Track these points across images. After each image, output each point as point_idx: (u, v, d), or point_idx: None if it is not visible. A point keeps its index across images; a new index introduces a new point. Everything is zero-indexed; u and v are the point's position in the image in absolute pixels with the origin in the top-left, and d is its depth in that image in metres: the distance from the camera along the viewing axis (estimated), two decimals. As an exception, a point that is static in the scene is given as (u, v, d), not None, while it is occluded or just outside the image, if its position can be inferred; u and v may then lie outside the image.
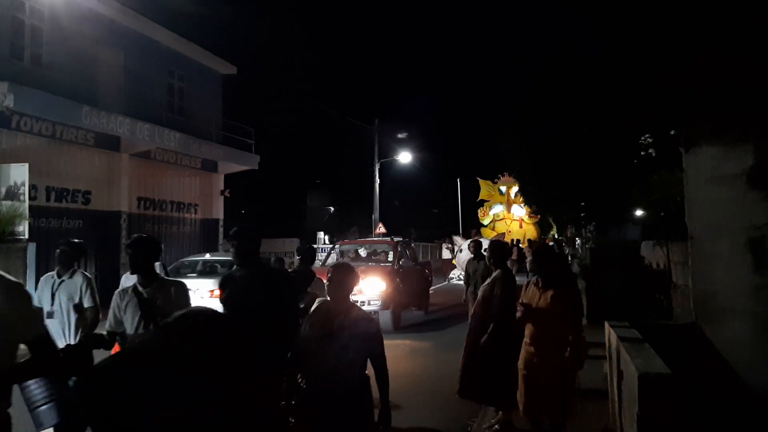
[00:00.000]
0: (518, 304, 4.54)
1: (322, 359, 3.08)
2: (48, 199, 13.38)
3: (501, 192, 33.65)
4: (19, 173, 10.27)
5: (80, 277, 4.81)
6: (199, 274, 11.76)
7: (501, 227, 32.93)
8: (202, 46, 18.97)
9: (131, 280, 5.81)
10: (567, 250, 17.92)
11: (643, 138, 9.41)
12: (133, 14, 15.74)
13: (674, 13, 4.50)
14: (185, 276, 10.93)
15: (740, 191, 4.48)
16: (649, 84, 4.88)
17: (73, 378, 2.45)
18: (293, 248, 23.53)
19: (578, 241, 19.08)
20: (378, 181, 25.90)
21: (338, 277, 3.25)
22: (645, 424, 3.27)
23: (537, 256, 4.64)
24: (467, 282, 9.09)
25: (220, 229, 19.99)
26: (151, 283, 3.70)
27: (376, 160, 26.00)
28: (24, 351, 2.27)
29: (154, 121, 15.81)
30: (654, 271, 8.59)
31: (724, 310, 4.57)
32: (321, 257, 14.38)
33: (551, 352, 4.24)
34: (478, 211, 34.26)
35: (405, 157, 28.46)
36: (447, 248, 25.25)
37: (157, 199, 17.29)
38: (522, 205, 30.24)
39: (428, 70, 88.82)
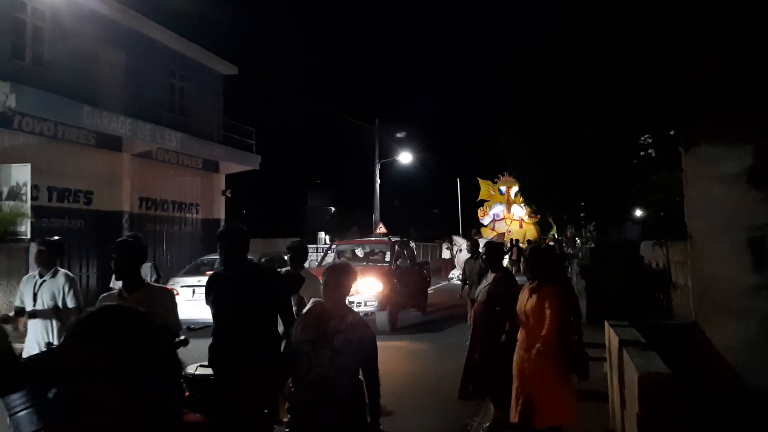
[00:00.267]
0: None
1: (314, 364, 2.96)
2: (50, 199, 13.39)
3: (501, 192, 33.67)
4: (21, 173, 10.29)
5: (63, 277, 4.68)
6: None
7: (501, 227, 32.94)
8: (204, 47, 18.97)
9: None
10: (569, 250, 17.91)
11: (643, 138, 9.42)
12: (134, 14, 15.74)
13: (674, 13, 4.51)
14: (204, 274, 10.87)
15: (740, 191, 4.49)
16: (649, 84, 4.89)
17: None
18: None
19: (578, 240, 19.09)
20: (378, 181, 25.91)
21: (335, 278, 3.12)
22: (645, 424, 3.28)
23: (528, 258, 4.46)
24: (464, 281, 9.30)
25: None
26: (137, 289, 3.50)
27: (377, 160, 26.00)
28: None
29: (156, 121, 15.82)
30: (654, 270, 8.59)
31: (723, 310, 4.58)
32: (318, 258, 14.36)
33: (543, 356, 4.12)
34: (478, 210, 34.27)
35: (405, 157, 28.46)
36: (446, 248, 25.21)
37: (159, 199, 17.30)
38: (522, 205, 30.26)
39: (428, 71, 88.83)
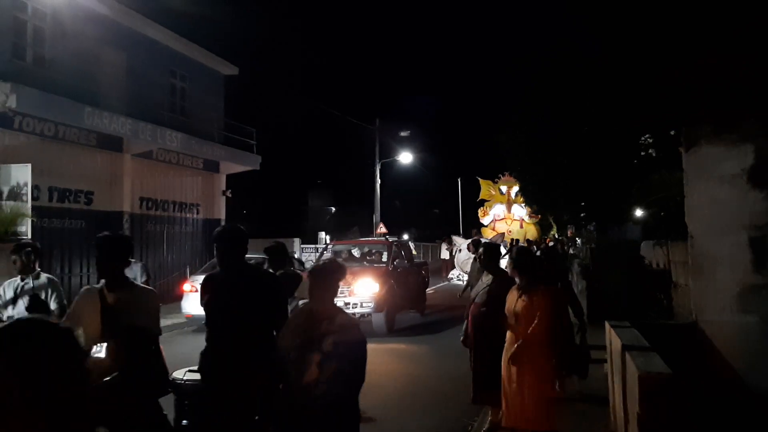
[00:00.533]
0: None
1: (304, 369, 2.80)
2: (51, 200, 13.40)
3: (501, 192, 33.63)
4: (22, 173, 10.30)
5: (45, 280, 4.65)
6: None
7: (501, 227, 32.92)
8: (204, 47, 18.98)
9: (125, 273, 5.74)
10: (570, 250, 17.90)
11: (643, 138, 9.42)
12: (135, 15, 15.75)
13: (674, 13, 4.51)
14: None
15: (741, 191, 4.49)
16: (649, 84, 4.89)
17: None
18: (295, 248, 23.59)
19: (579, 240, 19.08)
20: (379, 181, 25.91)
21: (322, 277, 2.93)
22: (645, 424, 3.28)
23: (515, 259, 4.39)
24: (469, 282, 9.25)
25: (222, 230, 19.99)
26: (119, 288, 3.30)
27: (377, 161, 26.00)
28: None
29: (156, 121, 15.82)
30: (654, 270, 8.59)
31: (724, 310, 4.58)
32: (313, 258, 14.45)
33: (531, 359, 4.05)
34: (479, 210, 34.25)
35: (406, 157, 28.45)
36: (446, 249, 25.11)
37: (159, 199, 17.31)
38: (522, 204, 30.26)
39: (429, 70, 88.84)
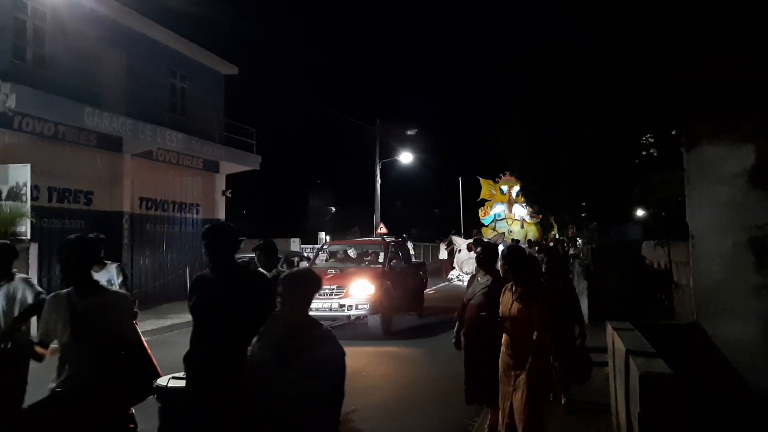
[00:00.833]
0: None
1: (276, 389, 2.53)
2: (50, 200, 13.40)
3: (502, 191, 33.61)
4: (22, 174, 10.29)
5: (19, 281, 4.59)
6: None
7: (502, 227, 32.90)
8: (204, 47, 18.97)
9: (101, 275, 5.53)
10: (570, 250, 17.88)
11: (644, 138, 9.41)
12: (134, 15, 15.75)
13: (674, 14, 4.50)
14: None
15: (741, 191, 4.49)
16: (649, 84, 4.88)
17: None
18: (295, 248, 23.57)
19: (579, 241, 19.07)
20: (379, 181, 25.90)
21: (294, 287, 2.66)
22: (646, 424, 3.28)
23: (508, 259, 4.21)
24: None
25: (222, 230, 20.00)
26: (89, 294, 3.18)
27: (378, 161, 25.99)
28: None
29: (156, 121, 15.82)
30: (655, 270, 8.59)
31: (725, 310, 4.58)
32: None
33: (534, 368, 3.93)
34: (479, 210, 34.23)
35: (406, 157, 28.43)
36: (445, 249, 24.93)
37: (159, 199, 17.31)
38: (524, 204, 30.23)
39: (429, 71, 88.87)
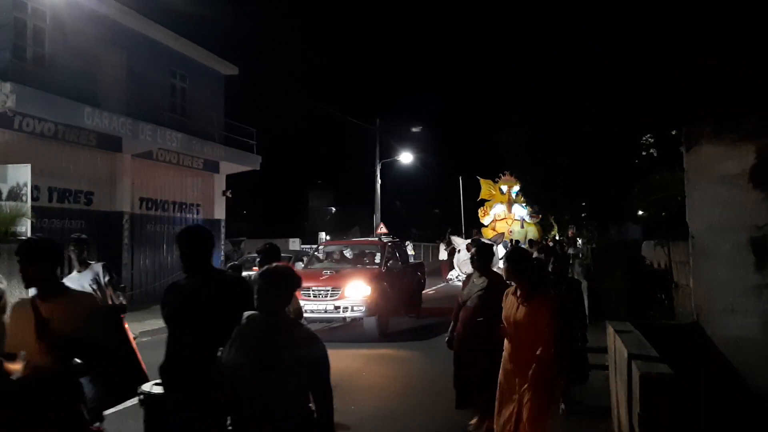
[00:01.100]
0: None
1: (254, 392, 2.41)
2: (50, 200, 13.40)
3: (502, 191, 33.57)
4: (22, 174, 10.28)
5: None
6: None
7: (502, 227, 32.87)
8: (204, 47, 18.98)
9: (72, 280, 5.38)
10: (570, 251, 17.87)
11: (644, 138, 9.41)
12: (135, 15, 15.75)
13: (674, 14, 4.50)
14: (250, 269, 12.25)
15: (741, 191, 4.49)
16: (649, 84, 4.88)
17: None
18: (295, 248, 23.60)
19: (580, 241, 19.07)
20: (379, 181, 25.91)
21: (272, 284, 2.58)
22: (646, 424, 3.28)
23: (511, 261, 4.06)
24: None
25: (222, 230, 20.02)
26: (54, 297, 3.04)
27: (378, 161, 25.99)
28: None
29: (156, 121, 15.82)
30: (655, 270, 8.58)
31: (725, 310, 4.58)
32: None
33: (539, 376, 3.79)
34: (479, 210, 34.20)
35: (406, 158, 28.46)
36: (444, 249, 24.85)
37: (159, 199, 17.31)
38: (523, 204, 30.20)
39: (429, 71, 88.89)
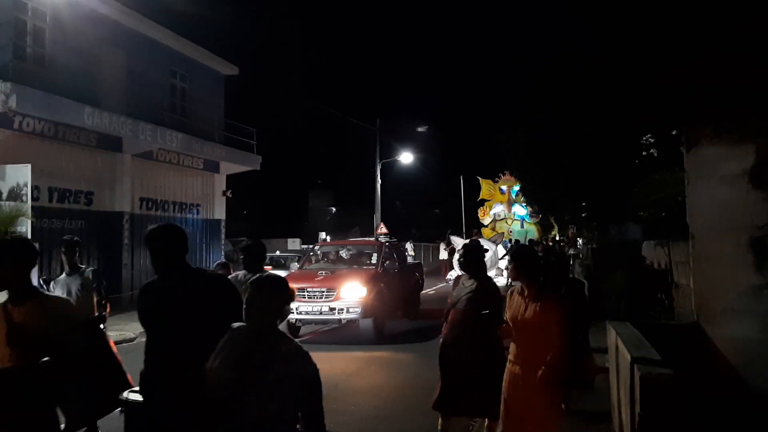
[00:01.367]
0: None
1: (236, 412, 2.26)
2: (50, 200, 13.40)
3: (502, 191, 33.56)
4: (22, 174, 10.28)
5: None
6: (274, 266, 15.31)
7: (502, 227, 32.87)
8: (204, 47, 18.99)
9: (60, 284, 5.43)
10: (570, 251, 17.87)
11: (644, 138, 9.41)
12: (135, 15, 15.75)
13: (674, 13, 4.50)
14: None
15: (742, 191, 4.49)
16: (649, 84, 4.88)
17: None
18: (295, 248, 23.55)
19: (580, 241, 19.06)
20: (379, 181, 25.90)
21: (261, 294, 2.37)
22: (646, 424, 3.28)
23: (518, 260, 3.92)
24: None
25: (222, 230, 20.04)
26: (25, 300, 2.89)
27: (378, 161, 25.99)
28: None
29: (156, 121, 15.82)
30: (655, 270, 8.58)
31: (725, 310, 4.57)
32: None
33: (548, 380, 3.67)
34: (479, 210, 34.20)
35: (406, 158, 28.45)
36: (444, 249, 24.83)
37: (159, 199, 17.31)
38: (523, 204, 30.20)
39: (429, 71, 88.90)
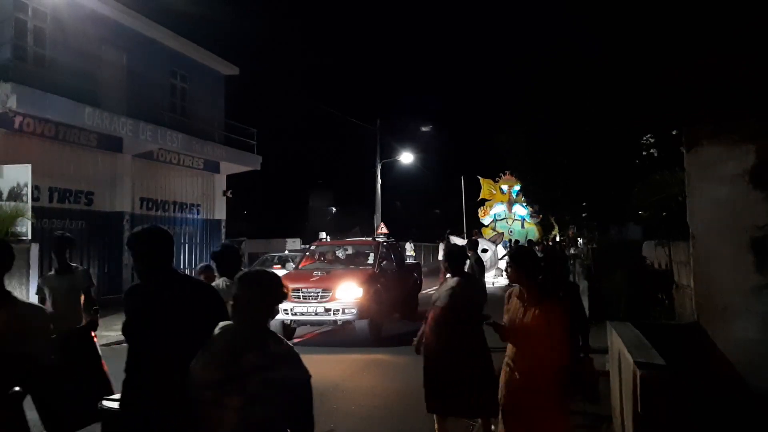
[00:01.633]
0: (493, 323, 3.91)
1: (220, 417, 2.12)
2: (51, 200, 13.42)
3: (502, 191, 33.57)
4: (22, 174, 10.30)
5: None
6: (283, 265, 15.71)
7: (502, 227, 32.87)
8: (205, 47, 19.02)
9: (49, 281, 5.22)
10: (570, 251, 17.87)
11: (644, 138, 9.40)
12: (135, 15, 15.77)
13: (674, 13, 4.50)
14: (271, 268, 13.55)
15: (742, 191, 4.49)
16: (649, 84, 4.88)
17: None
18: (296, 248, 23.55)
19: (580, 241, 19.06)
20: (380, 181, 25.91)
21: (249, 292, 2.24)
22: (646, 424, 3.28)
23: (518, 262, 3.77)
24: None
25: (223, 230, 20.06)
26: None
27: (378, 161, 26.00)
28: None
29: (157, 121, 15.85)
30: (656, 270, 8.57)
31: (726, 310, 4.57)
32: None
33: (542, 380, 3.52)
34: (479, 210, 34.20)
35: (407, 158, 28.46)
36: (443, 249, 24.83)
37: (160, 199, 17.33)
38: (524, 204, 30.20)
39: (429, 71, 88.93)
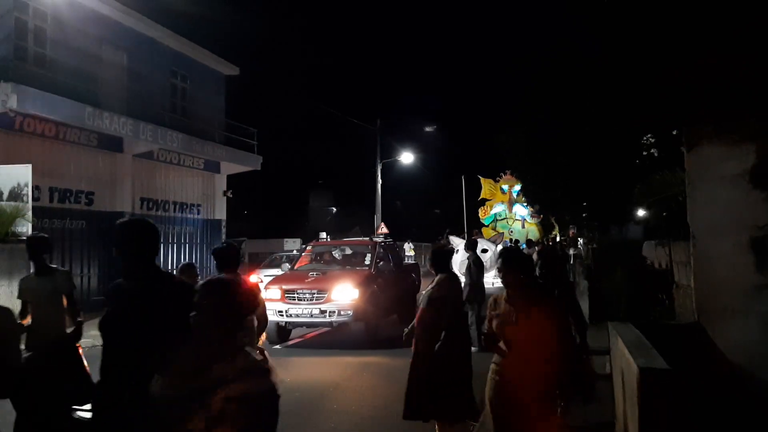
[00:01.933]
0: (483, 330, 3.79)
1: None
2: (51, 200, 13.41)
3: (503, 191, 33.58)
4: (23, 174, 10.31)
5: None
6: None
7: (503, 227, 32.88)
8: (205, 47, 19.00)
9: (28, 283, 5.03)
10: (570, 251, 17.87)
11: (645, 138, 9.41)
12: (136, 15, 15.76)
13: (674, 13, 4.50)
14: (278, 267, 13.50)
15: (742, 191, 4.49)
16: (649, 84, 4.88)
17: None
18: (295, 248, 23.57)
19: (581, 241, 19.07)
20: (380, 181, 25.91)
21: (213, 300, 2.10)
22: (647, 424, 3.28)
23: (506, 263, 3.62)
24: None
25: (223, 230, 20.05)
26: None
27: (378, 161, 25.99)
28: None
29: (157, 121, 15.83)
30: (656, 270, 8.59)
31: (726, 310, 4.58)
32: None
33: (535, 387, 3.43)
34: (479, 210, 34.22)
35: (407, 158, 28.46)
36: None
37: (160, 199, 17.32)
38: (524, 204, 30.21)
39: (429, 71, 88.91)
